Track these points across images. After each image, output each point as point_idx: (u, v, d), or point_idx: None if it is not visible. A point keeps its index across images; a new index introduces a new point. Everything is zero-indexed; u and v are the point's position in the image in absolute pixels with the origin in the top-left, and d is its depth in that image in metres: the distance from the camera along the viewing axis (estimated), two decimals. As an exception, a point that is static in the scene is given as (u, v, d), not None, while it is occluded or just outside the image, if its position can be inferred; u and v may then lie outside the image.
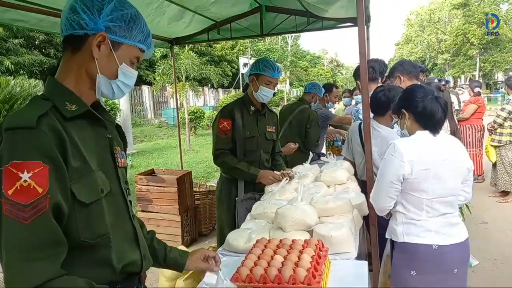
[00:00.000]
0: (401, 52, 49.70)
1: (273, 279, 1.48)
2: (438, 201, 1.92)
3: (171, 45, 4.93)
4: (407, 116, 2.03)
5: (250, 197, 2.85)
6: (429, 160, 1.89)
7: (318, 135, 4.42)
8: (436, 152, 1.92)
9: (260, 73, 2.81)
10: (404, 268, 1.95)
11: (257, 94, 2.85)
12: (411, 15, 49.59)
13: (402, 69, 3.25)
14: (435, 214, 1.92)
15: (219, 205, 3.09)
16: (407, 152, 1.88)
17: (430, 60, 44.49)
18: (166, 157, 11.40)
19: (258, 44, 35.75)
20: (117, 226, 1.16)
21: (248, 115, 2.91)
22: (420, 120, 1.98)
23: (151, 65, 21.47)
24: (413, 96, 2.00)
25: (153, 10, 3.58)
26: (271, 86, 2.85)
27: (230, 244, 1.98)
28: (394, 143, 1.93)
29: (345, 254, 1.85)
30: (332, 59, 58.77)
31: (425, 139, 1.95)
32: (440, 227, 1.91)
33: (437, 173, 1.89)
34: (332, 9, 3.98)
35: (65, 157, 0.99)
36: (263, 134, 2.98)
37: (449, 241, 1.91)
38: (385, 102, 2.74)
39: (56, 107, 1.05)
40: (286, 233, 1.92)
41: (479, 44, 36.46)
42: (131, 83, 1.22)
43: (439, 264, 1.90)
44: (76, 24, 1.08)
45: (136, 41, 1.16)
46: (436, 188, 1.90)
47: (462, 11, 37.93)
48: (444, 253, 1.89)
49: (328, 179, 2.71)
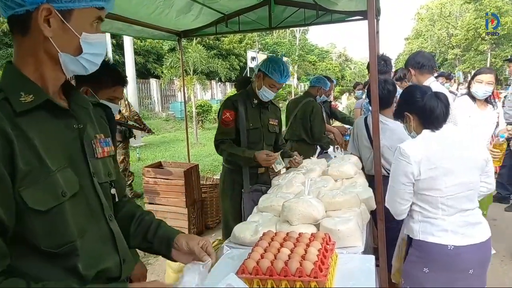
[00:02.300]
0: (411, 47, 49.20)
1: (279, 272, 1.48)
2: (453, 197, 1.90)
3: (179, 38, 4.91)
4: (411, 118, 2.03)
5: (256, 189, 2.87)
6: (436, 159, 1.87)
7: (321, 127, 4.44)
8: (443, 148, 1.89)
9: (267, 75, 2.81)
10: (418, 264, 1.95)
11: (259, 92, 2.87)
12: (421, 9, 49.01)
13: (413, 63, 3.21)
14: (451, 211, 1.90)
15: (223, 196, 3.10)
16: (412, 154, 1.89)
17: (440, 55, 43.99)
18: (173, 150, 11.45)
19: (266, 38, 35.63)
20: (90, 229, 1.03)
21: (252, 108, 2.92)
22: (422, 119, 1.98)
23: (159, 59, 21.52)
24: (412, 97, 2.01)
25: (162, 2, 3.57)
26: (274, 89, 2.86)
27: (237, 237, 1.98)
28: (399, 146, 1.95)
29: (352, 248, 1.85)
30: (340, 54, 58.37)
31: (429, 137, 1.93)
32: (458, 227, 1.89)
33: (447, 169, 1.87)
34: (342, 2, 3.94)
35: (12, 160, 0.87)
36: (266, 127, 3.00)
37: (467, 241, 1.87)
38: (386, 94, 2.77)
39: (8, 99, 0.92)
40: (293, 226, 1.92)
41: (490, 39, 35.91)
42: (102, 50, 1.05)
43: (453, 264, 1.88)
44: (11, 2, 0.93)
45: (88, 0, 0.98)
46: (449, 185, 1.88)
47: (474, 5, 37.39)
48: (459, 254, 1.86)
49: (335, 173, 2.69)
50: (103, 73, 1.90)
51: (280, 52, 35.90)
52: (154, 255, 4.11)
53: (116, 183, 1.22)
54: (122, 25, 3.90)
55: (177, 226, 4.44)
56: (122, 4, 3.38)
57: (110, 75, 1.91)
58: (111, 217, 1.13)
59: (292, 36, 39.79)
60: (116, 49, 18.03)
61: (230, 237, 2.05)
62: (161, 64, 18.04)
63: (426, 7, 47.71)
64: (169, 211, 4.54)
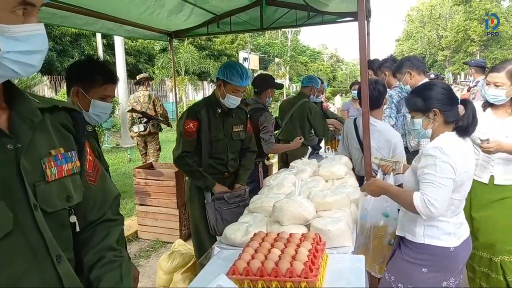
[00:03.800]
0: (402, 48, 49.65)
1: (270, 272, 1.48)
2: (463, 199, 1.95)
3: (170, 38, 4.90)
4: (438, 116, 1.94)
5: (218, 197, 2.80)
6: (468, 162, 1.90)
7: (324, 124, 4.48)
8: (467, 152, 1.92)
9: (227, 81, 2.72)
10: (416, 265, 1.96)
11: (225, 101, 2.77)
12: (412, 11, 49.49)
13: (411, 65, 3.24)
14: (456, 212, 1.95)
15: (190, 204, 3.01)
16: (452, 154, 1.83)
17: (430, 57, 44.46)
18: (165, 151, 11.35)
19: (258, 39, 35.69)
20: (29, 275, 0.83)
21: (215, 117, 2.82)
22: (459, 124, 1.92)
23: (150, 59, 21.43)
24: (455, 98, 1.95)
25: (153, 2, 3.55)
26: (238, 94, 2.77)
27: (228, 238, 1.98)
28: (440, 147, 1.84)
29: (342, 248, 1.86)
30: (332, 55, 58.66)
31: (457, 140, 1.92)
32: (456, 228, 1.94)
33: (471, 173, 1.94)
34: (333, 3, 3.97)
35: None
36: (230, 136, 2.92)
37: (460, 240, 1.95)
38: (377, 95, 2.76)
39: None
40: (284, 226, 1.92)
41: (479, 41, 36.42)
42: (37, 46, 0.81)
43: (452, 264, 1.94)
44: None
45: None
46: (468, 188, 1.94)
47: (463, 8, 37.90)
48: (457, 253, 1.93)
49: (326, 174, 2.70)
50: (93, 72, 1.89)
51: (272, 52, 36.00)
52: (145, 257, 4.09)
53: (83, 207, 1.00)
54: (113, 25, 3.88)
55: (168, 228, 4.47)
56: (112, 4, 3.36)
57: (101, 74, 1.89)
58: (59, 258, 0.89)
59: (284, 37, 39.89)
60: (107, 49, 17.92)
61: (221, 238, 2.04)
62: (153, 65, 18.00)
63: (417, 9, 48.20)
64: (160, 212, 4.52)
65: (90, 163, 1.04)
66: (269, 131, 3.56)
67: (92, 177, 1.05)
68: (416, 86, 2.36)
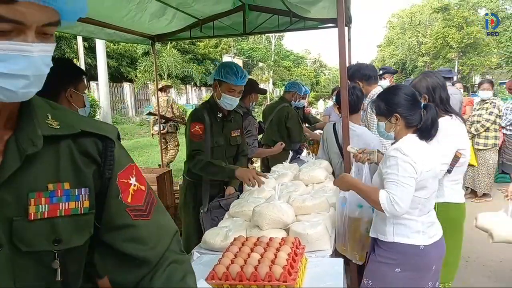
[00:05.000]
0: (383, 54, 50.49)
1: (249, 277, 1.49)
2: (430, 198, 1.99)
3: (152, 42, 4.87)
4: (399, 120, 2.00)
5: (214, 205, 2.74)
6: (430, 161, 1.94)
7: (299, 129, 4.50)
8: (430, 152, 1.97)
9: (222, 80, 2.67)
10: (389, 266, 1.99)
11: (221, 102, 2.73)
12: (393, 17, 50.41)
13: (360, 75, 3.27)
14: (425, 211, 1.99)
15: (184, 210, 2.95)
16: (411, 154, 1.88)
17: (411, 62, 45.35)
18: (147, 155, 11.28)
19: (242, 43, 35.77)
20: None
21: (216, 122, 2.78)
22: (420, 128, 1.98)
23: (133, 62, 21.22)
24: (413, 101, 2.00)
25: (135, 6, 3.53)
26: (234, 93, 2.71)
27: (207, 242, 1.98)
28: (400, 148, 1.90)
29: (321, 251, 1.88)
30: (315, 60, 59.20)
31: (419, 141, 1.98)
32: (426, 227, 1.98)
33: (435, 172, 1.98)
34: (315, 10, 4.01)
35: None
36: (228, 141, 2.90)
37: (432, 240, 1.98)
38: (355, 100, 2.82)
39: None
40: (263, 231, 1.94)
41: (457, 47, 37.38)
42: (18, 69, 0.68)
43: (422, 263, 1.97)
44: None
45: None
46: (434, 187, 1.98)
47: (442, 15, 38.85)
48: (428, 252, 1.96)
49: (306, 178, 2.73)
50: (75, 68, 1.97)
51: (256, 57, 36.12)
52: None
53: (73, 255, 0.83)
54: (93, 28, 3.84)
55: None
56: (93, 6, 3.32)
57: (79, 68, 1.97)
58: None
59: (267, 42, 40.08)
60: (88, 52, 17.68)
61: (201, 243, 2.04)
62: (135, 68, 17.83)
63: (397, 16, 49.12)
64: (142, 217, 4.47)
65: (133, 196, 0.90)
66: (252, 135, 3.58)
67: (141, 211, 0.90)
68: (381, 91, 2.41)
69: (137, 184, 0.91)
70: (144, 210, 0.90)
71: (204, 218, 2.71)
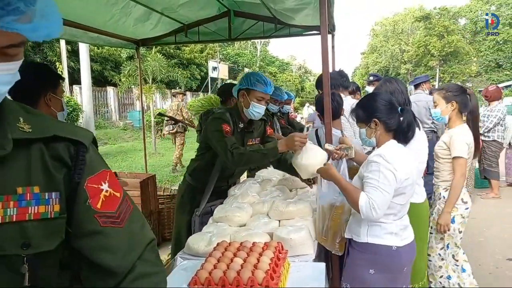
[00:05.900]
0: (367, 61, 51.26)
1: (231, 282, 1.49)
2: (406, 203, 2.04)
3: (137, 46, 4.85)
4: (379, 126, 2.06)
5: (207, 211, 2.69)
6: (409, 169, 1.98)
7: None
8: (409, 158, 2.02)
9: (252, 88, 2.60)
10: (363, 267, 2.03)
11: (248, 111, 2.62)
12: (376, 25, 51.33)
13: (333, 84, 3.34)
14: (400, 216, 2.03)
15: (179, 210, 2.94)
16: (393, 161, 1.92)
17: (394, 70, 46.14)
18: (130, 160, 11.16)
19: (228, 49, 35.81)
20: None
21: (237, 132, 2.68)
22: (397, 132, 2.05)
23: (117, 66, 20.99)
24: (389, 107, 2.06)
25: (119, 10, 3.51)
26: (263, 102, 2.63)
27: (191, 248, 1.97)
28: (383, 154, 1.94)
29: (304, 256, 1.90)
30: (300, 66, 59.65)
31: (399, 146, 2.03)
32: (399, 230, 2.03)
33: (413, 179, 2.02)
34: (299, 17, 4.07)
35: None
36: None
37: (404, 242, 2.03)
38: (336, 106, 2.86)
39: None
40: (247, 236, 1.94)
41: (439, 55, 38.27)
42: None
43: (395, 264, 2.02)
44: None
45: None
46: (410, 193, 2.03)
47: (424, 24, 39.77)
48: (400, 254, 2.00)
49: (290, 183, 2.75)
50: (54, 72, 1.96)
51: (241, 63, 36.21)
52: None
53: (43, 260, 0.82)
54: (76, 31, 3.80)
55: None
56: (77, 10, 3.30)
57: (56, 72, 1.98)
58: None
59: (253, 47, 40.27)
60: (71, 55, 17.41)
61: (184, 248, 2.03)
62: (119, 72, 17.60)
63: (381, 24, 50.03)
64: (124, 222, 4.42)
65: (104, 202, 0.87)
66: None
67: (112, 218, 0.87)
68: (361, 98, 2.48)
69: (110, 190, 0.88)
70: (116, 217, 0.88)
71: (196, 221, 2.69)
